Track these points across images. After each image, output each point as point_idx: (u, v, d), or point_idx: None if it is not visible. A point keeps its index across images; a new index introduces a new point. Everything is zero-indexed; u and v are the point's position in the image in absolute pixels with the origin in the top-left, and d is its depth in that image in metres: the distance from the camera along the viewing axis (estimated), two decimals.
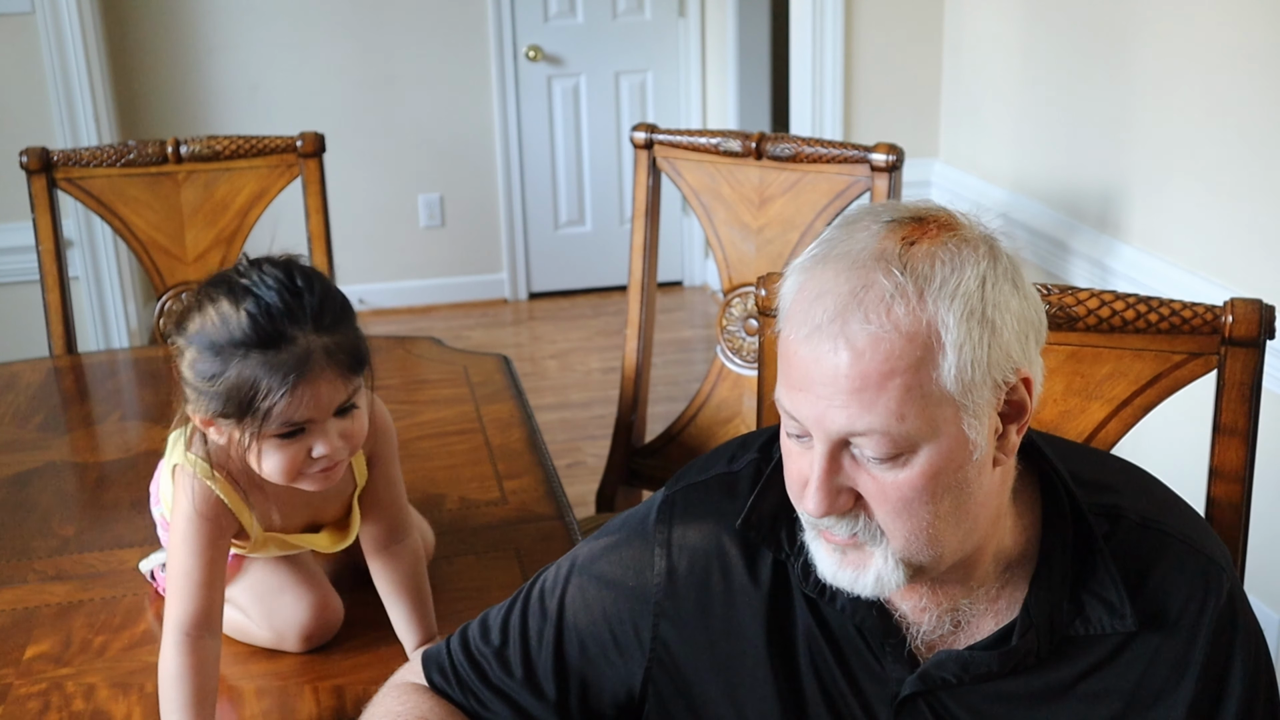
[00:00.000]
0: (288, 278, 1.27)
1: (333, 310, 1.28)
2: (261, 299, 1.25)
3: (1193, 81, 2.45)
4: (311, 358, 1.25)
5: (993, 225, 1.03)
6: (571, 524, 1.79)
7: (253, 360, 1.24)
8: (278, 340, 1.24)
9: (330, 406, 1.29)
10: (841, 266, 0.98)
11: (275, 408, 1.25)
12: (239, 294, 1.26)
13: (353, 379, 1.30)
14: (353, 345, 1.30)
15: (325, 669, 1.49)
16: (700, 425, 2.40)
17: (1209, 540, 1.11)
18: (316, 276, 1.30)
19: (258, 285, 1.26)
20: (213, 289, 1.28)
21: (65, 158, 2.51)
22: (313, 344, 1.26)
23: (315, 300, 1.27)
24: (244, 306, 1.24)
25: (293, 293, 1.26)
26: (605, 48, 5.15)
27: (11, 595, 1.64)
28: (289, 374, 1.24)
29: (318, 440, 1.30)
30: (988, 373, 0.97)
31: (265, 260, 1.30)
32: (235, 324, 1.24)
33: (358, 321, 1.33)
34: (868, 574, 1.02)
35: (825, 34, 3.37)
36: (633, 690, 1.19)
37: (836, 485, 0.99)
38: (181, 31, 4.72)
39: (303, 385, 1.25)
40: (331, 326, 1.28)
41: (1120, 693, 1.07)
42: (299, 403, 1.26)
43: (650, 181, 2.38)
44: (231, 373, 1.25)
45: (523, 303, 5.36)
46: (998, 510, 1.06)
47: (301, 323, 1.25)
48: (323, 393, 1.27)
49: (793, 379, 0.99)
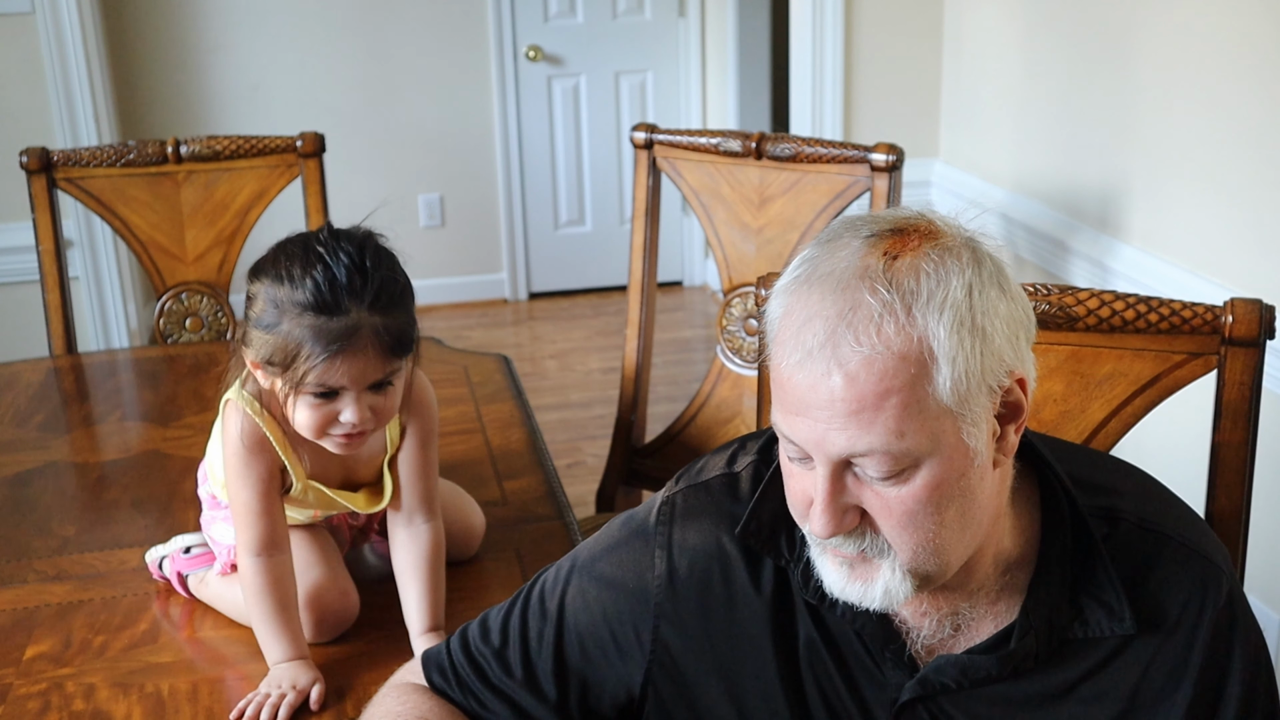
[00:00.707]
0: (359, 254, 1.37)
1: (390, 293, 1.38)
2: (330, 270, 1.35)
3: (1193, 81, 2.45)
4: (359, 332, 1.35)
5: (974, 225, 1.02)
6: (571, 524, 1.78)
7: (305, 321, 1.34)
8: (333, 310, 1.34)
9: (365, 380, 1.38)
10: (827, 288, 0.97)
11: (314, 370, 1.35)
12: (313, 259, 1.35)
13: (393, 360, 1.39)
14: (400, 329, 1.39)
15: (325, 669, 1.49)
16: (700, 425, 2.40)
17: (1208, 542, 1.11)
18: (386, 258, 1.40)
19: (331, 255, 1.36)
20: (291, 248, 1.38)
21: (65, 158, 2.51)
22: (363, 320, 1.35)
23: (377, 280, 1.36)
24: (314, 273, 1.34)
25: (359, 270, 1.36)
26: (605, 48, 5.15)
27: (11, 595, 1.64)
28: (333, 342, 1.34)
29: (348, 407, 1.39)
30: (982, 380, 0.97)
31: (346, 232, 1.40)
32: (301, 286, 1.35)
33: (413, 308, 1.42)
34: (875, 587, 1.02)
35: (825, 34, 3.37)
36: (633, 691, 1.18)
37: (842, 505, 0.99)
38: (181, 31, 4.72)
39: (343, 355, 1.35)
40: (386, 308, 1.37)
41: (1119, 695, 1.06)
42: (336, 370, 1.36)
43: (650, 181, 2.38)
44: (284, 328, 1.35)
45: (523, 303, 5.36)
46: (997, 512, 1.06)
47: (359, 299, 1.35)
48: (360, 366, 1.36)
49: (789, 404, 0.99)
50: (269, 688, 1.42)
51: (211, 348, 2.51)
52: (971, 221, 1.02)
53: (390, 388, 1.42)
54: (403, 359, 1.41)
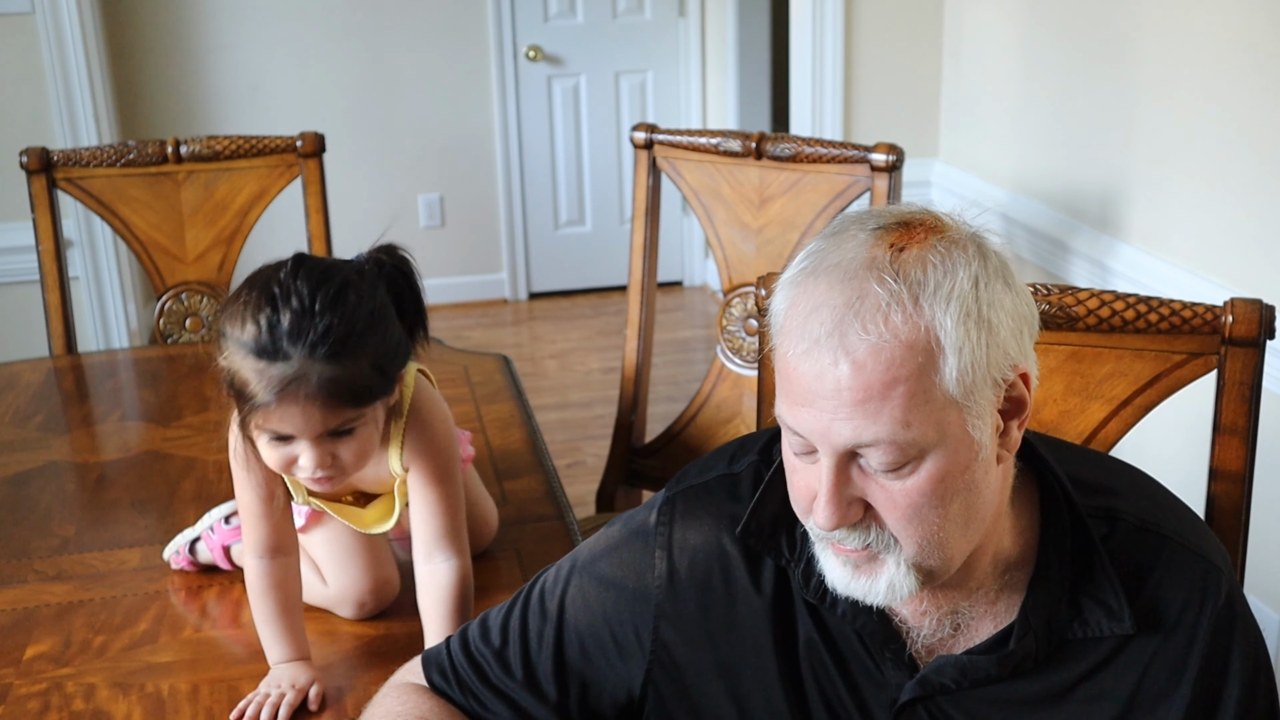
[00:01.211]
0: (312, 295, 1.27)
1: (339, 339, 1.27)
2: (276, 313, 1.27)
3: (1193, 81, 2.45)
4: (300, 381, 1.27)
5: (977, 223, 1.02)
6: (571, 524, 1.79)
7: (248, 364, 1.28)
8: (272, 355, 1.27)
9: (313, 431, 1.30)
10: (834, 278, 0.97)
11: (256, 413, 1.29)
12: (264, 298, 1.28)
13: (345, 410, 1.30)
14: (353, 378, 1.29)
15: (325, 669, 1.49)
16: (700, 425, 2.40)
17: (1207, 543, 1.11)
18: (346, 300, 1.29)
19: (283, 296, 1.28)
20: (254, 280, 1.32)
21: (65, 158, 2.51)
22: (308, 369, 1.27)
23: (323, 325, 1.27)
24: (261, 314, 1.27)
25: (307, 313, 1.27)
26: (605, 48, 5.15)
27: (11, 595, 1.64)
28: (272, 390, 1.27)
29: (303, 454, 1.32)
30: (987, 372, 0.97)
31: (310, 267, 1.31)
32: (248, 326, 1.28)
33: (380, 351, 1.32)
34: (879, 583, 1.02)
35: (825, 34, 3.37)
36: (633, 691, 1.19)
37: (846, 497, 0.99)
38: (181, 31, 4.72)
39: (284, 405, 1.28)
40: (335, 355, 1.27)
41: (1119, 696, 1.06)
42: (278, 418, 1.29)
43: (650, 181, 2.38)
44: (232, 362, 1.30)
45: (523, 303, 5.36)
46: (998, 510, 1.06)
47: (301, 345, 1.26)
48: (305, 416, 1.29)
49: (794, 395, 0.99)
50: (268, 687, 1.43)
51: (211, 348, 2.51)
52: (975, 220, 1.03)
53: (352, 435, 1.33)
54: (361, 408, 1.32)
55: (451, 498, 1.48)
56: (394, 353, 1.34)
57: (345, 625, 1.58)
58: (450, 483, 1.48)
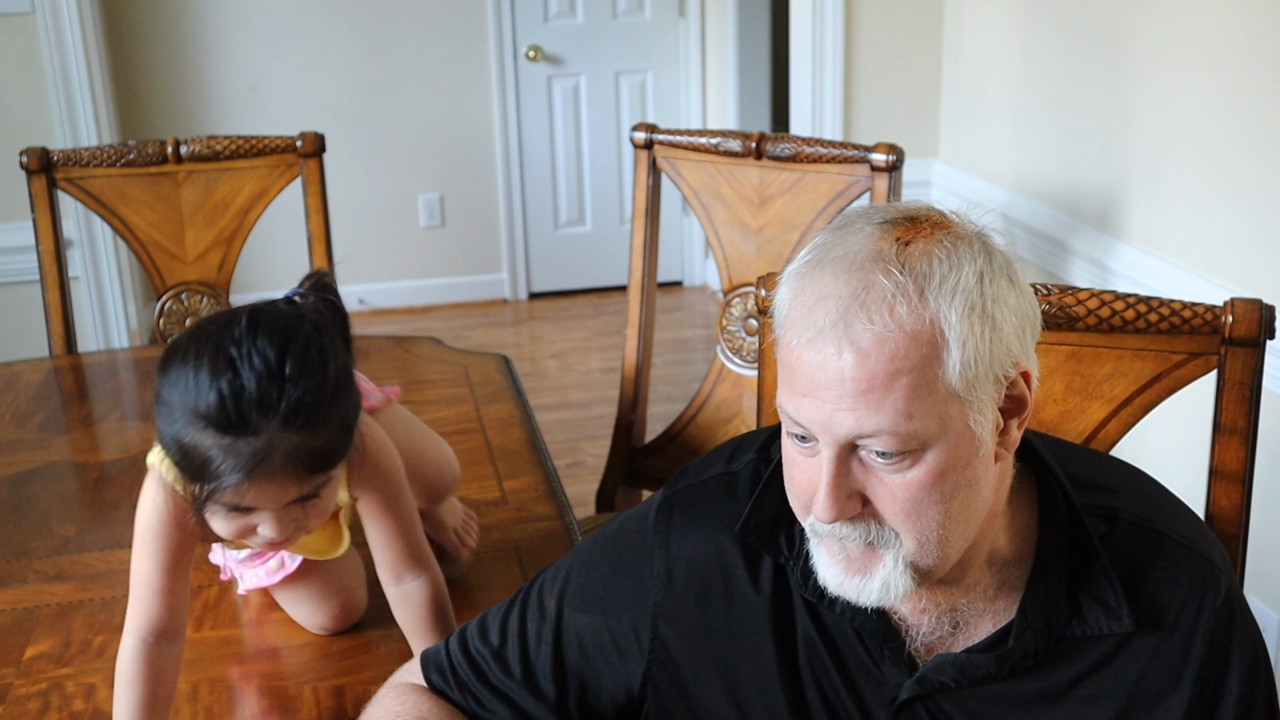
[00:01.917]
0: (279, 359, 1.15)
1: (313, 407, 1.16)
2: (239, 379, 1.14)
3: (1192, 81, 2.45)
4: (271, 456, 1.16)
5: (983, 222, 1.03)
6: (571, 524, 1.79)
7: (209, 439, 1.16)
8: (239, 429, 1.14)
9: (281, 502, 1.22)
10: (839, 269, 0.97)
11: (219, 492, 1.18)
12: (221, 362, 1.15)
13: (314, 478, 1.21)
14: (324, 447, 1.19)
15: (325, 669, 1.49)
16: (700, 425, 2.40)
17: (1206, 541, 1.11)
18: (314, 362, 1.17)
19: (243, 361, 1.14)
20: (203, 341, 1.18)
21: (65, 158, 2.51)
22: (277, 442, 1.16)
23: (297, 394, 1.15)
24: (220, 381, 1.14)
25: (275, 381, 1.15)
26: (605, 48, 5.15)
27: (11, 595, 1.64)
28: (239, 468, 1.15)
29: (265, 523, 1.24)
30: (990, 368, 0.97)
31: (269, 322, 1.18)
32: (205, 396, 1.14)
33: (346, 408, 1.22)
34: (874, 582, 1.01)
35: (825, 34, 3.37)
36: (632, 691, 1.19)
37: (846, 490, 0.99)
38: (181, 31, 4.72)
39: (253, 481, 1.17)
40: (307, 425, 1.16)
41: (1118, 694, 1.06)
42: (245, 494, 1.19)
43: (650, 181, 2.38)
44: (188, 438, 1.16)
45: (523, 303, 5.36)
46: (994, 508, 1.06)
47: (271, 417, 1.14)
48: (273, 491, 1.20)
49: (797, 385, 0.99)
50: None
51: None
52: (979, 219, 1.03)
53: (316, 499, 1.24)
54: (330, 472, 1.22)
55: (407, 519, 1.41)
56: (355, 407, 1.25)
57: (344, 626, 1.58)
58: (403, 504, 1.41)
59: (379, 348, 2.49)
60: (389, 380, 2.32)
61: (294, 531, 1.26)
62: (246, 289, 4.74)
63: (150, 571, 1.31)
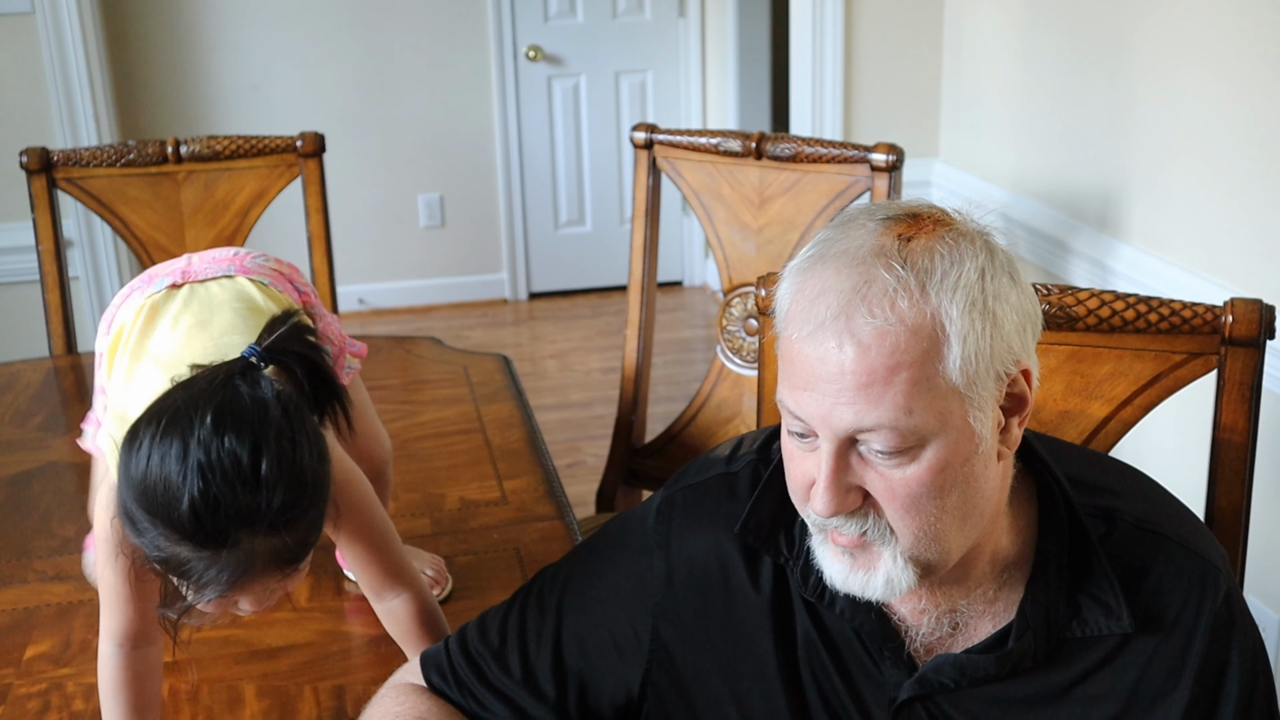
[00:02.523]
0: (252, 464, 1.05)
1: (293, 509, 1.08)
2: (211, 489, 1.04)
3: (1193, 81, 2.45)
4: (254, 563, 1.09)
5: (985, 221, 1.03)
6: (571, 524, 1.79)
7: (187, 550, 1.08)
8: (220, 543, 1.07)
9: (266, 592, 1.15)
10: (841, 264, 0.98)
11: (203, 597, 1.12)
12: (190, 468, 1.04)
13: (296, 567, 1.15)
14: (306, 537, 1.12)
15: (325, 669, 1.49)
16: (700, 425, 2.40)
17: (1206, 542, 1.11)
18: (289, 461, 1.08)
19: (213, 467, 1.04)
20: (166, 436, 1.06)
21: (65, 158, 2.51)
22: (258, 547, 1.08)
23: (276, 499, 1.06)
24: (191, 490, 1.04)
25: (251, 488, 1.05)
26: (605, 48, 5.15)
27: (11, 595, 1.64)
28: (225, 578, 1.09)
29: (246, 601, 1.17)
30: (990, 364, 0.97)
31: (236, 421, 1.07)
32: (177, 507, 1.05)
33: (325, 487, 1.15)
34: (877, 576, 1.01)
35: (825, 34, 3.37)
36: (631, 691, 1.18)
37: (845, 483, 0.99)
38: (182, 31, 4.72)
39: (237, 588, 1.11)
40: (287, 525, 1.08)
41: (1117, 695, 1.06)
42: (231, 599, 1.14)
43: (650, 181, 2.38)
44: (164, 549, 1.08)
45: (523, 303, 5.36)
46: (996, 508, 1.06)
47: (253, 526, 1.07)
48: (258, 589, 1.14)
49: (797, 379, 0.99)
50: None
51: None
52: (982, 219, 1.03)
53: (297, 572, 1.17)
54: (310, 554, 1.16)
55: (382, 538, 1.37)
56: (328, 481, 1.16)
57: (345, 625, 1.58)
58: (376, 525, 1.37)
59: (379, 348, 2.49)
60: (389, 380, 2.33)
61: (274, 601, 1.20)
62: None
63: (115, 580, 1.28)
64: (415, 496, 1.88)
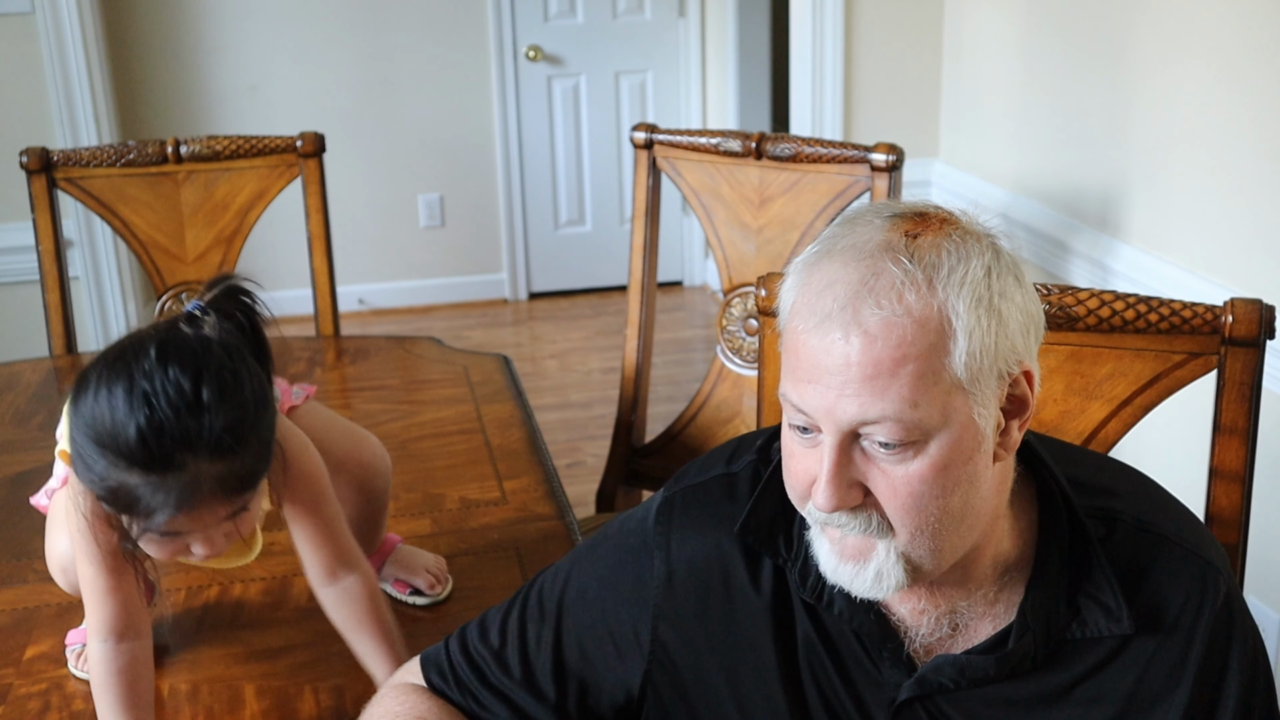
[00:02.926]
0: (194, 389, 1.12)
1: (235, 433, 1.15)
2: (156, 414, 1.11)
3: (1193, 81, 2.45)
4: (199, 486, 1.15)
5: (991, 224, 1.03)
6: (571, 524, 1.79)
7: (133, 478, 1.14)
8: (164, 466, 1.13)
9: (213, 524, 1.21)
10: (849, 257, 0.98)
11: (153, 524, 1.17)
12: (136, 397, 1.12)
13: (244, 496, 1.21)
14: (249, 468, 1.18)
15: (325, 669, 1.49)
16: (700, 425, 2.40)
17: (1206, 543, 1.11)
18: (230, 387, 1.15)
19: (157, 394, 1.11)
20: (113, 373, 1.14)
21: (65, 158, 2.51)
22: (202, 472, 1.14)
23: (218, 422, 1.13)
24: (136, 417, 1.11)
25: (194, 412, 1.12)
26: (605, 48, 5.15)
27: (11, 595, 1.64)
28: (171, 502, 1.15)
29: (197, 544, 1.23)
30: (994, 362, 0.97)
31: (179, 349, 1.14)
32: (124, 435, 1.12)
33: (267, 421, 1.20)
34: (868, 570, 1.01)
35: (825, 34, 3.37)
36: (631, 692, 1.18)
37: (847, 478, 0.98)
38: (181, 31, 4.72)
39: (184, 512, 1.16)
40: (231, 449, 1.14)
41: (1117, 696, 1.06)
42: (179, 523, 1.18)
43: (650, 181, 2.38)
44: (112, 479, 1.15)
45: (523, 303, 5.36)
46: (996, 510, 1.06)
47: (195, 449, 1.13)
48: (205, 517, 1.19)
49: (801, 371, 0.98)
50: None
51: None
52: (988, 222, 1.03)
53: (247, 511, 1.23)
54: (257, 487, 1.22)
55: (333, 519, 1.40)
56: (274, 420, 1.23)
57: None
58: (328, 505, 1.39)
59: (379, 348, 2.49)
60: (389, 380, 2.33)
61: (226, 544, 1.25)
62: None
63: (94, 574, 1.30)
64: (415, 496, 1.88)
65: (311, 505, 1.37)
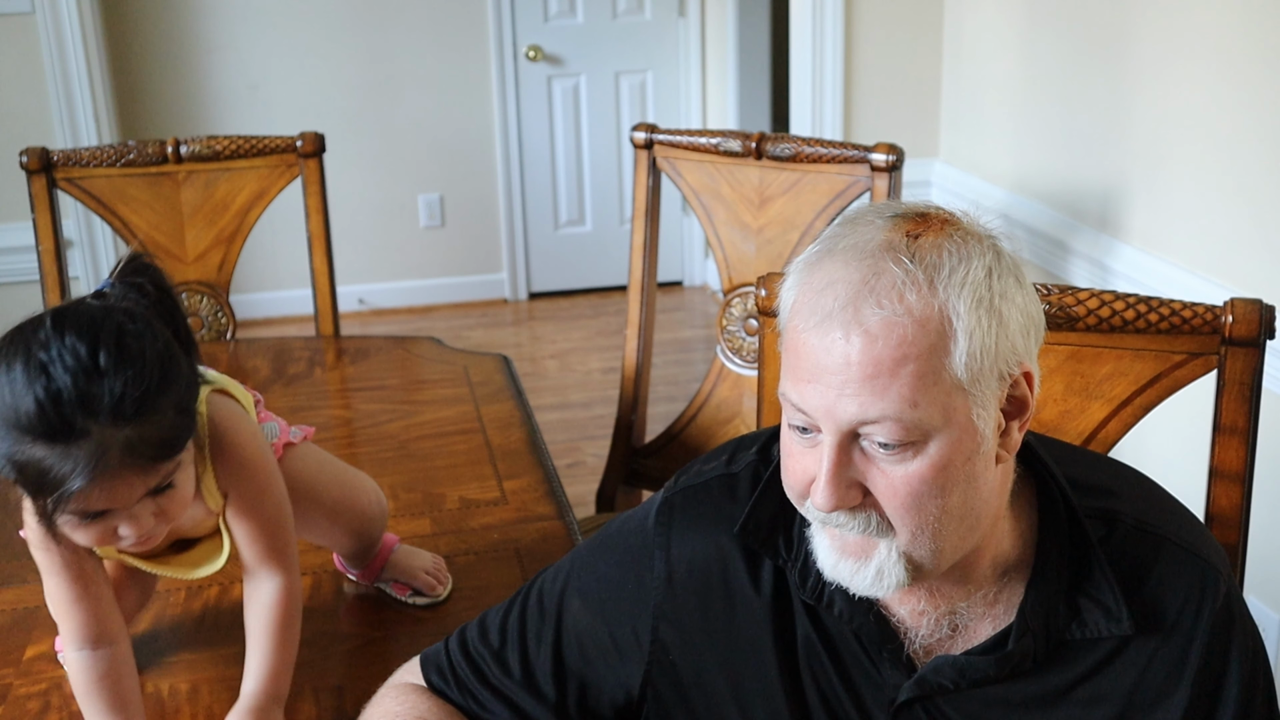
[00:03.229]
0: (91, 354, 1.09)
1: (138, 396, 1.10)
2: (54, 382, 1.08)
3: (1193, 81, 2.45)
4: (107, 454, 1.10)
5: (992, 225, 1.03)
6: (571, 524, 1.79)
7: (37, 452, 1.10)
8: (65, 434, 1.09)
9: (132, 499, 1.16)
10: (850, 257, 0.98)
11: (65, 501, 1.12)
12: (33, 368, 1.09)
13: (159, 467, 1.16)
14: (162, 435, 1.14)
15: (325, 669, 1.49)
16: (700, 425, 2.40)
17: (1206, 544, 1.11)
18: (131, 350, 1.11)
19: (54, 361, 1.08)
20: (11, 350, 1.11)
21: (65, 158, 2.51)
22: (109, 439, 1.10)
23: (118, 385, 1.09)
24: (34, 388, 1.08)
25: (91, 376, 1.09)
26: (605, 48, 5.15)
27: (11, 595, 1.64)
28: (79, 471, 1.10)
29: (123, 524, 1.18)
30: (995, 362, 0.97)
31: (77, 317, 1.12)
32: (23, 406, 1.08)
33: (180, 388, 1.16)
34: (868, 568, 1.01)
35: (825, 34, 3.37)
36: (631, 692, 1.18)
37: (846, 479, 0.98)
38: (181, 31, 4.73)
39: (95, 483, 1.11)
40: (136, 414, 1.10)
41: (1117, 697, 1.06)
42: (92, 498, 1.13)
43: (650, 181, 2.38)
44: (19, 455, 1.10)
45: (523, 303, 5.36)
46: (997, 511, 1.06)
47: (97, 414, 1.09)
48: (121, 489, 1.14)
49: (801, 371, 0.98)
50: None
51: (212, 347, 2.51)
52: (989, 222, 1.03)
53: (172, 487, 1.19)
54: (176, 457, 1.17)
55: (273, 513, 1.35)
56: (189, 387, 1.19)
57: (345, 626, 1.58)
58: (269, 499, 1.35)
59: (379, 348, 2.49)
60: (389, 380, 2.33)
61: (156, 526, 1.20)
62: (247, 289, 4.74)
63: (57, 586, 1.29)
64: (415, 496, 1.88)
65: (250, 494, 1.32)
